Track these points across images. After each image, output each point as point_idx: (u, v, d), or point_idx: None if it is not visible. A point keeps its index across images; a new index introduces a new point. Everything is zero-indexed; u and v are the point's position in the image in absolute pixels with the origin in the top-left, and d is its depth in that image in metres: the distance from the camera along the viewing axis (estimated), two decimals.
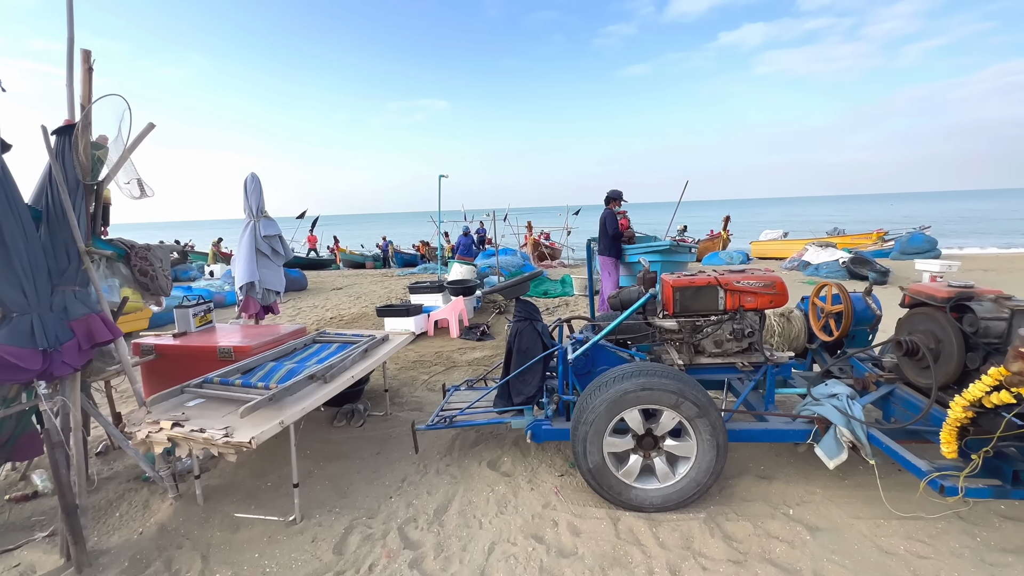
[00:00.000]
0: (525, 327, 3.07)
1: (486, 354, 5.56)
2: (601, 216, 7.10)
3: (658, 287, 3.13)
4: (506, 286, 3.01)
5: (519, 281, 3.01)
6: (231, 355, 3.34)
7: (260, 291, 4.33)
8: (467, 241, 13.93)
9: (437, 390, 4.53)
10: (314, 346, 3.68)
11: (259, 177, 4.37)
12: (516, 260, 11.35)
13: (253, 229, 4.32)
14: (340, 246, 22.97)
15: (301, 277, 11.19)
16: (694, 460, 2.53)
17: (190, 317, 3.80)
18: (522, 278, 3.03)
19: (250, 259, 4.27)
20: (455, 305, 6.46)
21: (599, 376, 2.68)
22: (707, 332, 2.95)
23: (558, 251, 20.26)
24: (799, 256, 10.83)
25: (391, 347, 3.64)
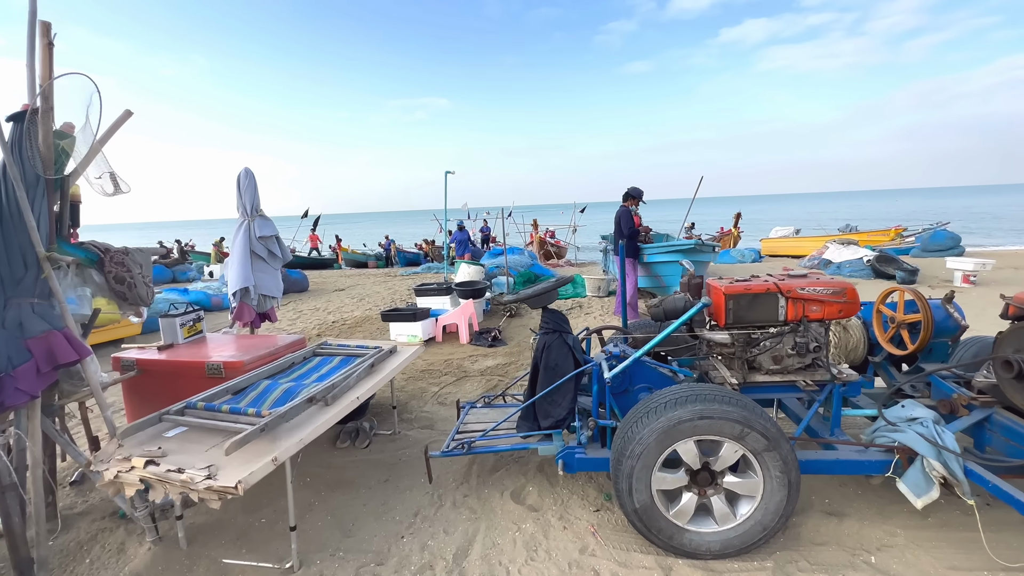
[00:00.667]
0: (554, 340, 2.70)
1: (499, 362, 5.18)
2: (616, 214, 6.73)
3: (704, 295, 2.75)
4: (532, 293, 2.64)
5: (547, 288, 2.63)
6: (221, 372, 2.97)
7: (255, 297, 3.96)
8: (463, 236, 13.23)
9: (449, 404, 4.16)
10: (314, 360, 3.31)
11: (253, 172, 4.00)
12: (524, 259, 10.97)
13: (247, 229, 3.95)
14: (342, 245, 22.64)
15: (302, 278, 10.84)
16: (760, 500, 2.15)
17: (177, 327, 3.43)
18: (551, 284, 2.65)
19: (244, 262, 3.90)
20: (464, 309, 6.08)
21: (645, 400, 2.30)
22: (765, 346, 2.56)
23: (564, 249, 19.89)
24: (819, 254, 10.41)
25: (400, 361, 3.27)
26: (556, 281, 2.68)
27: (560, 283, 2.66)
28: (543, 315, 2.76)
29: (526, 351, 5.54)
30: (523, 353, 5.47)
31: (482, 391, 4.43)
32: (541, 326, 2.77)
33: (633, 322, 3.44)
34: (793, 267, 10.74)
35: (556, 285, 2.65)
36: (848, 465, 2.37)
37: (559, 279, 2.79)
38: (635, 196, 6.61)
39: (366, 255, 21.09)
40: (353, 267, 20.21)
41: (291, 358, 3.20)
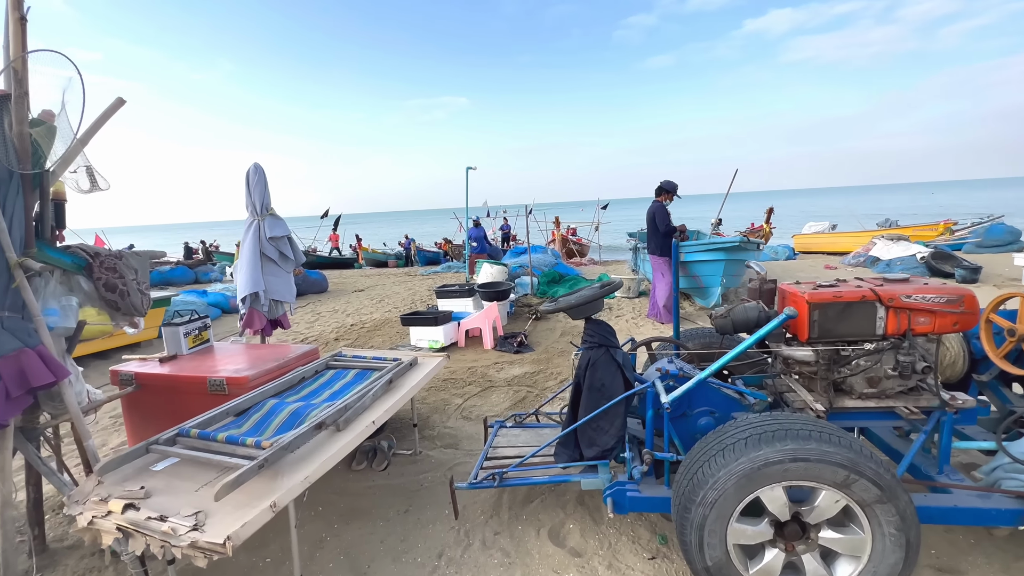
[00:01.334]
0: (600, 357, 2.31)
1: (526, 370, 4.81)
2: (649, 210, 6.28)
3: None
4: (576, 303, 2.25)
5: (592, 296, 2.24)
6: (224, 388, 2.67)
7: (266, 303, 3.67)
8: (479, 233, 12.31)
9: (474, 418, 3.81)
10: (327, 373, 2.99)
11: (263, 168, 3.70)
12: (548, 258, 10.56)
13: (257, 230, 3.66)
14: (362, 245, 22.61)
15: (322, 279, 10.66)
16: (867, 561, 1.73)
17: (181, 337, 3.16)
18: (596, 291, 2.26)
19: (254, 265, 3.61)
20: (488, 312, 5.73)
21: (717, 432, 1.90)
22: (858, 365, 2.12)
23: (586, 247, 19.39)
24: (865, 251, 9.71)
25: (421, 376, 2.93)
26: (602, 287, 2.29)
27: (608, 289, 2.27)
28: (587, 327, 2.38)
29: (555, 357, 5.16)
30: (551, 360, 5.09)
31: (509, 403, 4.07)
32: (584, 339, 2.39)
33: (687, 331, 3.01)
34: (836, 265, 10.08)
35: (602, 293, 2.26)
36: (968, 514, 1.93)
37: (606, 285, 2.39)
38: (669, 190, 6.15)
39: (386, 254, 21.01)
40: (373, 266, 20.11)
41: (301, 372, 2.89)
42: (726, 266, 5.74)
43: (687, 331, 3.05)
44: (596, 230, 20.61)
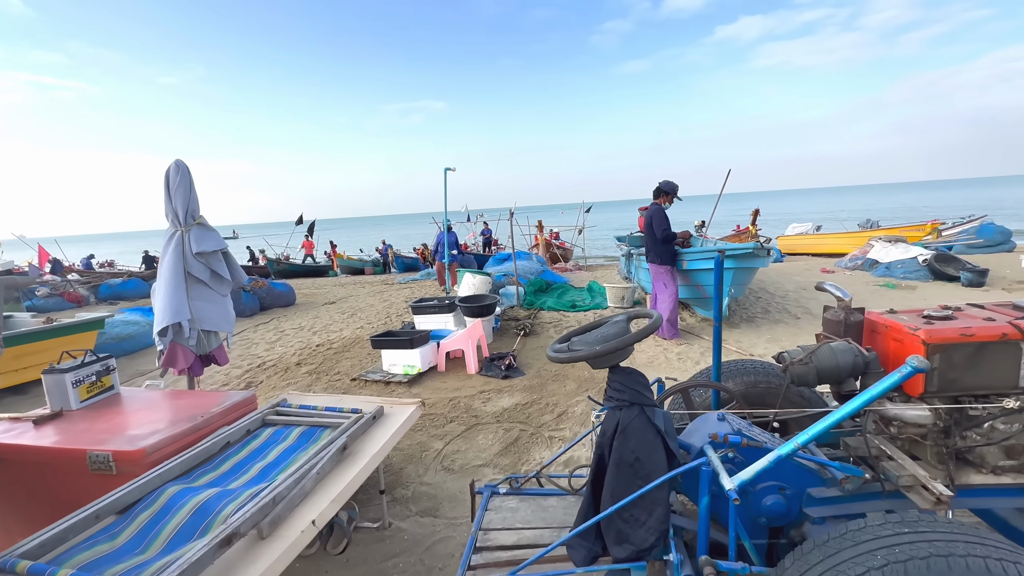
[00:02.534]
0: (633, 421, 1.66)
1: (517, 401, 4.14)
2: (647, 214, 5.70)
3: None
4: (603, 352, 1.59)
5: (625, 344, 1.58)
6: (109, 466, 1.94)
7: (192, 334, 2.92)
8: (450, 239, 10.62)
9: (458, 470, 3.12)
10: (263, 433, 2.27)
11: (187, 167, 2.96)
12: (534, 265, 9.94)
13: (180, 243, 2.91)
14: (337, 252, 21.68)
15: (288, 291, 9.80)
16: None
17: (68, 387, 2.39)
18: (629, 337, 1.59)
19: (176, 288, 2.87)
20: (472, 331, 5.04)
21: (820, 542, 1.27)
22: (993, 429, 1.53)
23: (570, 252, 18.88)
24: (862, 253, 9.35)
25: (388, 435, 2.23)
26: (639, 332, 1.63)
27: (646, 332, 1.61)
28: (612, 378, 1.72)
29: (549, 383, 4.50)
30: (545, 386, 4.44)
31: (500, 447, 3.39)
32: (609, 395, 1.74)
33: (731, 365, 2.39)
34: (832, 268, 9.71)
35: (637, 337, 1.60)
36: None
37: (640, 317, 1.73)
38: (668, 192, 5.58)
39: (363, 261, 20.15)
40: (349, 274, 19.22)
41: (227, 434, 2.16)
42: (735, 275, 5.20)
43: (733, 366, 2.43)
44: (580, 234, 20.13)
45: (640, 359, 5.02)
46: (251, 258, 21.78)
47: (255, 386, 4.92)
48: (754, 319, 6.27)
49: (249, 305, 8.76)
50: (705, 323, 6.20)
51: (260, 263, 20.37)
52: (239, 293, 8.56)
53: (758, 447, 1.64)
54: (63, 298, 10.89)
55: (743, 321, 6.19)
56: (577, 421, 3.70)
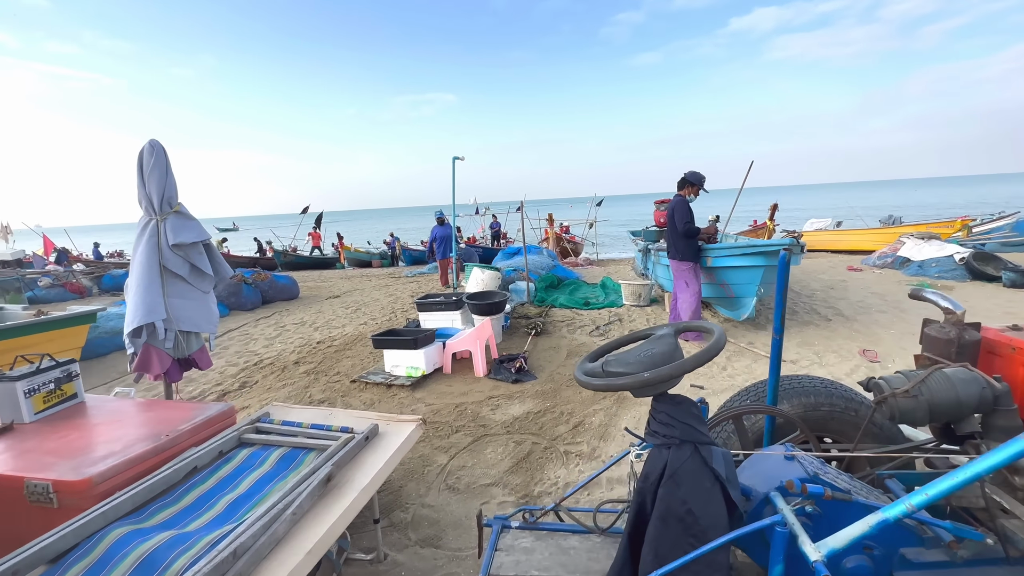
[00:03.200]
0: (685, 464, 1.30)
1: (529, 408, 3.81)
2: (669, 206, 5.30)
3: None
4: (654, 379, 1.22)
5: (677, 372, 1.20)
6: (50, 498, 1.63)
7: (168, 336, 2.62)
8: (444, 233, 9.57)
9: (464, 490, 2.80)
10: (237, 456, 1.95)
11: (164, 148, 2.63)
12: (544, 260, 9.57)
13: (155, 234, 2.59)
14: (344, 244, 21.45)
15: (291, 284, 9.53)
16: None
17: (20, 397, 2.09)
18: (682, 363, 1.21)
19: (149, 284, 2.55)
20: (480, 331, 4.71)
21: None
22: None
23: (580, 246, 18.49)
24: (892, 251, 8.86)
25: (381, 462, 1.90)
26: (700, 355, 1.25)
27: (709, 355, 1.25)
28: (657, 408, 1.37)
29: (563, 389, 4.16)
30: (559, 392, 4.10)
31: (511, 462, 3.06)
32: (652, 429, 1.38)
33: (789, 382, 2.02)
34: (859, 266, 9.23)
35: (698, 362, 1.23)
36: None
37: (708, 349, 1.32)
38: (695, 183, 5.18)
39: (370, 253, 19.90)
40: (356, 266, 19.01)
41: (196, 457, 1.85)
42: (764, 273, 4.80)
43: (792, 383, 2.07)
44: (591, 227, 19.69)
45: None
46: (258, 249, 21.63)
47: (249, 386, 4.64)
48: None
49: (251, 299, 8.51)
50: (728, 324, 5.81)
51: (267, 255, 20.23)
52: (240, 286, 8.30)
53: (846, 500, 1.28)
54: (65, 288, 10.72)
55: (769, 322, 5.79)
56: (595, 434, 3.36)
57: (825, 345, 4.85)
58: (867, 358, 4.45)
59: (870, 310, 6.03)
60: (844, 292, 7.11)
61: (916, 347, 4.58)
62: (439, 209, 10.02)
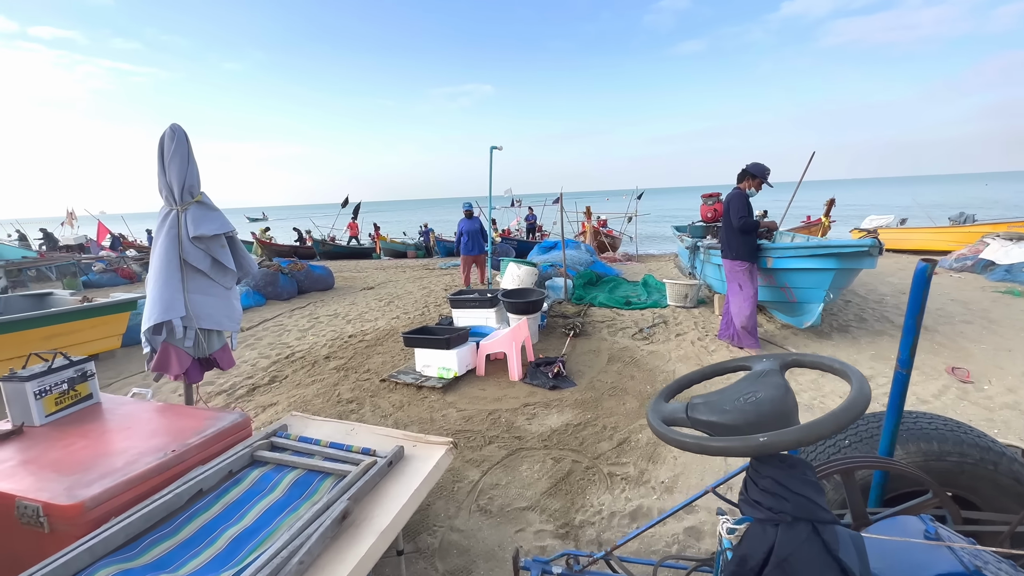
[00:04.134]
0: (801, 546, 0.97)
1: (568, 420, 3.50)
2: (725, 199, 4.84)
3: None
4: (775, 444, 0.90)
5: (821, 430, 0.87)
6: (40, 522, 1.46)
7: (188, 335, 2.46)
8: (471, 227, 8.58)
9: (497, 513, 2.53)
10: (247, 477, 1.74)
11: (185, 133, 2.46)
12: (582, 255, 9.18)
13: (175, 225, 2.43)
14: (380, 234, 21.65)
15: (327, 274, 9.53)
16: None
17: (29, 397, 1.96)
18: (827, 422, 0.88)
19: (168, 279, 2.39)
20: (516, 332, 4.42)
21: None
22: None
23: (618, 240, 17.93)
24: (973, 253, 7.98)
25: (408, 494, 1.64)
26: (844, 412, 0.90)
27: (848, 417, 0.91)
28: (761, 470, 1.04)
29: (605, 399, 3.83)
30: (601, 402, 3.77)
31: (548, 483, 2.77)
32: (752, 498, 1.05)
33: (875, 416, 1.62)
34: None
35: (836, 423, 0.88)
36: None
37: (853, 403, 0.95)
38: (756, 175, 4.69)
39: (405, 244, 20.01)
40: (392, 257, 19.15)
41: (202, 479, 1.65)
42: (836, 276, 4.28)
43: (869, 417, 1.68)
44: (629, 221, 19.04)
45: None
46: (298, 239, 22.13)
47: (279, 381, 4.53)
48: (847, 328, 5.30)
49: (287, 288, 8.54)
50: (787, 331, 5.30)
51: (307, 244, 20.64)
52: (276, 276, 8.34)
53: None
54: (117, 274, 11.16)
55: (835, 330, 5.24)
56: (643, 454, 3.03)
57: None
58: (957, 377, 3.89)
59: (953, 320, 5.37)
60: None
61: (1016, 365, 3.96)
62: (467, 201, 9.46)
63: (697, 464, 2.86)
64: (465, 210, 8.93)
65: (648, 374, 4.29)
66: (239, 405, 4.02)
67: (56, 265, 11.11)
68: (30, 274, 10.69)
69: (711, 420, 1.02)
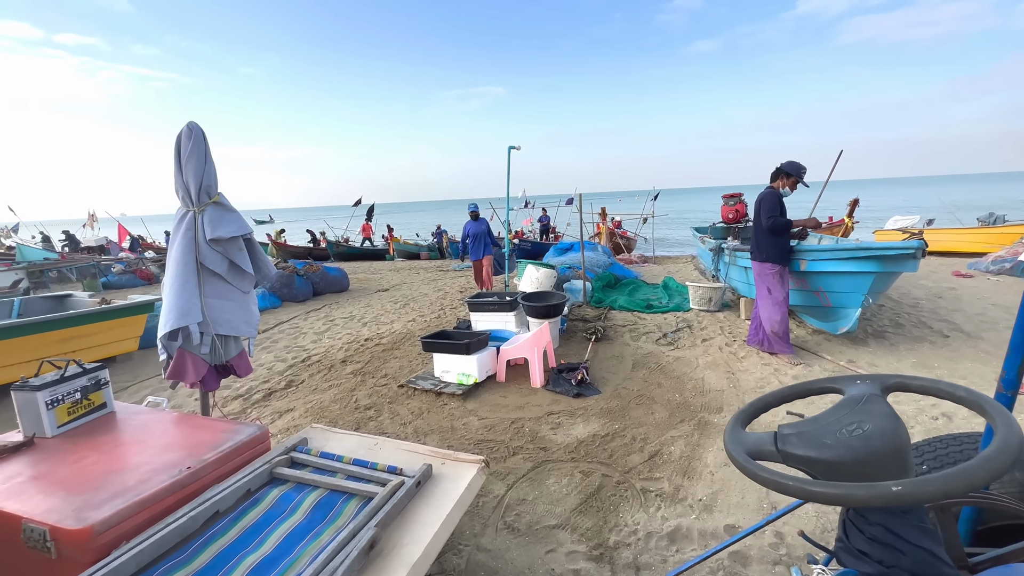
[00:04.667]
0: None
1: (594, 430, 3.35)
2: (757, 198, 4.64)
3: None
4: (901, 498, 0.76)
5: (972, 480, 0.73)
6: (47, 547, 1.36)
7: (205, 342, 2.36)
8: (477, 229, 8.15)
9: (525, 531, 2.39)
10: (266, 497, 1.62)
11: (203, 131, 2.36)
12: (600, 257, 9.00)
13: (191, 227, 2.33)
14: (394, 235, 21.67)
15: (342, 276, 9.49)
16: None
17: (41, 408, 1.87)
18: (978, 470, 0.73)
19: (184, 283, 2.30)
20: (538, 336, 4.28)
21: None
22: None
23: (633, 242, 17.69)
24: (1012, 255, 7.63)
25: (440, 519, 1.51)
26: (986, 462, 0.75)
27: (999, 466, 0.76)
28: (864, 516, 0.88)
29: (632, 407, 3.67)
30: (628, 411, 3.61)
31: (578, 498, 2.62)
32: (854, 546, 0.89)
33: (975, 443, 1.45)
34: (969, 271, 8.05)
35: (986, 476, 0.73)
36: None
37: (1003, 448, 0.79)
38: (791, 173, 4.49)
39: (418, 246, 19.99)
40: (405, 258, 19.14)
41: (219, 499, 1.53)
42: (876, 280, 4.06)
43: (943, 439, 1.50)
44: (645, 222, 18.78)
45: (741, 381, 4.04)
46: (311, 240, 22.26)
47: (296, 386, 4.45)
48: (884, 333, 5.06)
49: (302, 290, 8.51)
50: (819, 336, 5.08)
51: (320, 245, 20.74)
52: (292, 278, 8.31)
53: None
54: (136, 275, 11.25)
55: (870, 336, 5.01)
56: (677, 468, 2.86)
57: (949, 369, 4.06)
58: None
59: (996, 326, 5.10)
60: (957, 303, 6.12)
61: None
62: (473, 202, 8.81)
63: (737, 481, 2.69)
64: (471, 212, 8.44)
65: (676, 382, 4.11)
66: (255, 410, 3.93)
67: (77, 266, 11.24)
68: (51, 275, 10.84)
69: (809, 456, 0.87)
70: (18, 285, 8.77)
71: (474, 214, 8.42)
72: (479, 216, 8.43)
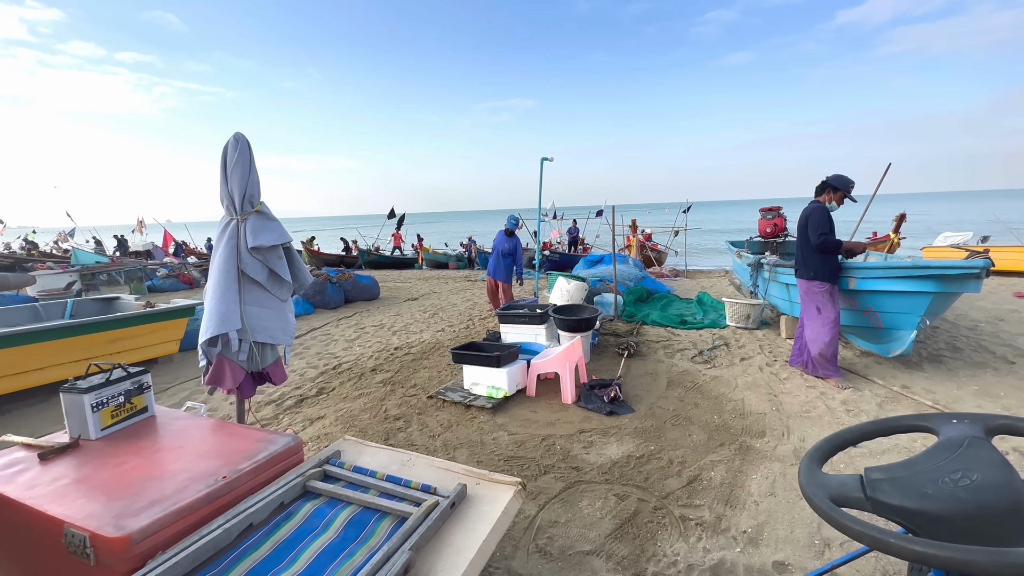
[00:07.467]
0: None
1: (628, 450, 3.22)
2: (803, 213, 4.44)
3: None
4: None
5: None
6: (87, 554, 1.36)
7: (243, 348, 2.38)
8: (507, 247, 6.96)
9: (558, 556, 2.29)
10: (299, 512, 1.59)
11: (248, 141, 2.41)
12: (631, 270, 8.84)
13: (234, 235, 2.37)
14: (423, 245, 21.97)
15: (372, 284, 9.63)
16: None
17: (87, 410, 1.91)
18: None
19: (226, 290, 2.33)
20: (571, 351, 4.18)
21: None
22: None
23: (663, 255, 17.38)
24: None
25: (477, 544, 1.44)
26: None
27: None
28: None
29: (668, 428, 3.53)
30: (663, 432, 3.47)
31: (613, 524, 2.50)
32: None
33: None
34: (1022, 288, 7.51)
35: None
36: None
37: None
38: (838, 187, 4.28)
39: (447, 255, 20.19)
40: (433, 267, 19.35)
41: (252, 512, 1.51)
42: (934, 301, 3.81)
43: None
44: (675, 236, 18.43)
45: (785, 404, 3.84)
46: (344, 248, 22.78)
47: (327, 393, 4.48)
48: (941, 358, 4.74)
49: (335, 297, 8.66)
50: (868, 359, 4.80)
51: (352, 253, 21.20)
52: (325, 285, 8.47)
53: None
54: (179, 280, 11.72)
55: (925, 360, 4.69)
56: (717, 495, 2.71)
57: (1018, 399, 3.75)
58: None
59: None
60: (1021, 326, 5.70)
61: None
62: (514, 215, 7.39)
63: (785, 513, 2.52)
64: (508, 227, 7.12)
65: (714, 402, 3.94)
66: (287, 416, 3.97)
67: (125, 270, 11.80)
68: (102, 278, 11.40)
69: (907, 507, 0.76)
70: (72, 287, 9.25)
71: (510, 231, 7.13)
72: (514, 233, 7.18)
